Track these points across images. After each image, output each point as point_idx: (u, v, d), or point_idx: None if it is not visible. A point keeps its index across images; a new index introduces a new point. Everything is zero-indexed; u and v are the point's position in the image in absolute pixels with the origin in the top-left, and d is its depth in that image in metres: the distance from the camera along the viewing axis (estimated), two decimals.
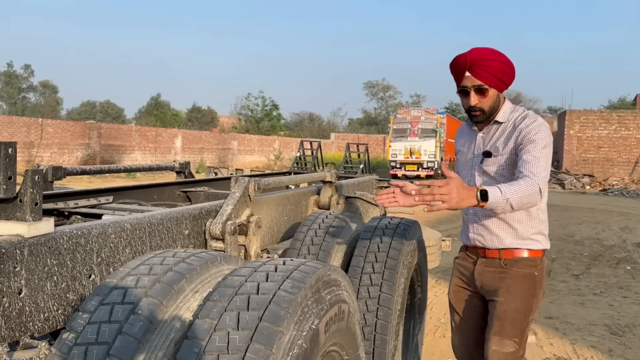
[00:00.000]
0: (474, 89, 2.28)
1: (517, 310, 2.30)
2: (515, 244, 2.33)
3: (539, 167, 2.13)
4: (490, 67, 2.24)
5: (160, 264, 1.60)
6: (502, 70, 2.27)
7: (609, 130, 25.67)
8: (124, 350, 1.36)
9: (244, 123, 45.75)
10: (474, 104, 2.30)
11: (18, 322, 1.53)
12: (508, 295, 2.31)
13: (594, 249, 8.76)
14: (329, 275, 1.67)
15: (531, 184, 2.07)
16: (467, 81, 2.27)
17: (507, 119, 2.37)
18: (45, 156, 22.18)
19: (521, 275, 2.32)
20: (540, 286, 2.36)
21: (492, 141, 2.37)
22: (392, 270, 2.64)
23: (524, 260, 2.34)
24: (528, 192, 2.05)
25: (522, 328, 2.31)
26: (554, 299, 5.85)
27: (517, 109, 2.40)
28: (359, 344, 1.89)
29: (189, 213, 2.31)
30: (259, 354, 1.31)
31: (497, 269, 2.36)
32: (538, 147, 2.18)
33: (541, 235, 2.37)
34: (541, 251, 2.37)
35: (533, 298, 2.33)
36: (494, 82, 2.26)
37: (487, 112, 2.33)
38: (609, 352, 4.33)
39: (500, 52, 2.32)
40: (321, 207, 3.56)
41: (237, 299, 1.44)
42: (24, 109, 51.34)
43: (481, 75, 2.24)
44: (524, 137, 2.23)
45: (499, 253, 2.35)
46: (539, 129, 2.23)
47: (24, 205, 1.56)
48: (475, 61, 2.23)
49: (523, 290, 2.31)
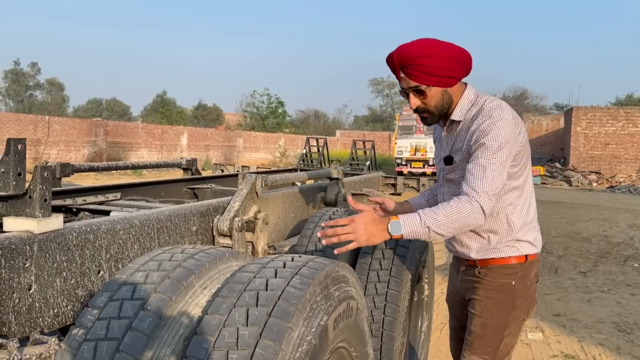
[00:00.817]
0: (411, 91, 1.98)
1: (486, 325, 2.06)
2: (487, 255, 2.07)
3: (484, 180, 1.84)
4: (423, 65, 1.91)
5: (169, 260, 1.60)
6: (439, 65, 1.92)
7: (616, 127, 25.51)
8: (134, 346, 1.36)
9: (250, 120, 45.81)
10: (416, 107, 2.01)
11: (28, 317, 1.54)
12: (479, 308, 2.08)
13: (601, 246, 8.72)
14: (337, 271, 1.67)
15: (465, 205, 1.82)
16: (403, 82, 1.98)
17: (464, 116, 2.02)
18: (52, 154, 22.28)
19: (495, 285, 2.06)
20: (523, 296, 2.07)
21: (454, 143, 2.07)
22: (400, 267, 2.64)
23: (500, 269, 2.06)
24: (460, 216, 1.81)
25: (494, 344, 2.06)
26: (561, 296, 5.83)
27: (477, 101, 2.01)
28: (367, 341, 1.89)
29: (197, 210, 2.32)
30: (268, 350, 1.31)
31: (473, 277, 2.12)
32: (487, 153, 1.87)
33: (521, 242, 2.06)
34: (523, 257, 2.07)
35: (510, 311, 2.05)
36: (432, 80, 1.94)
37: (435, 112, 2.02)
38: (617, 350, 4.31)
39: (437, 42, 1.96)
40: (328, 204, 3.56)
41: (246, 295, 1.44)
42: (30, 106, 51.55)
43: (415, 76, 1.93)
44: (475, 141, 1.92)
45: (474, 261, 2.11)
46: (490, 128, 1.88)
47: (33, 201, 1.57)
48: (404, 60, 1.93)
49: (495, 303, 2.06)
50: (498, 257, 2.06)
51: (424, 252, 2.99)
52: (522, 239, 2.06)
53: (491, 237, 2.05)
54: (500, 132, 1.88)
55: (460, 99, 2.03)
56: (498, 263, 2.06)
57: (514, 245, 2.05)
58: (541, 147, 31.47)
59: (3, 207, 1.61)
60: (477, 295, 2.09)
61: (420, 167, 21.92)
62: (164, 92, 53.88)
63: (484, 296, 2.07)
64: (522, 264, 2.07)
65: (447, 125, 2.09)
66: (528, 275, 2.08)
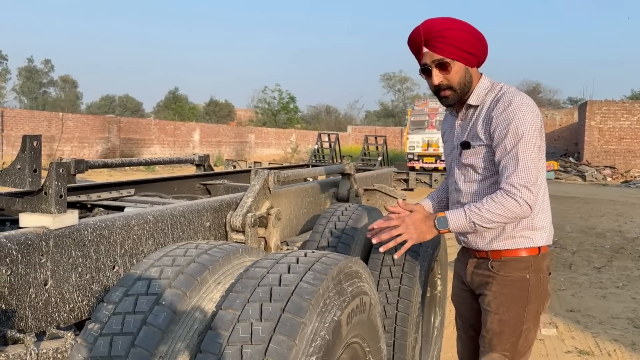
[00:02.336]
0: (435, 66, 1.97)
1: (503, 322, 2.03)
2: (501, 245, 2.04)
3: (518, 173, 1.86)
4: (449, 37, 1.93)
5: (183, 256, 1.61)
6: (463, 39, 1.95)
7: (631, 121, 25.20)
8: (149, 341, 1.37)
9: (261, 116, 45.85)
10: (438, 82, 1.98)
11: (44, 312, 1.55)
12: (494, 304, 2.05)
13: (616, 242, 8.63)
14: (351, 267, 1.67)
15: (509, 202, 1.84)
16: (427, 57, 1.97)
17: (481, 101, 2.03)
18: (66, 150, 22.48)
19: (510, 281, 2.03)
20: (536, 290, 2.05)
21: (470, 129, 2.05)
22: (412, 263, 2.63)
23: (513, 263, 2.04)
24: (504, 212, 1.85)
25: (512, 340, 2.04)
26: (576, 291, 5.78)
27: (494, 88, 2.03)
28: (380, 336, 1.89)
29: (210, 205, 2.33)
30: (282, 344, 1.31)
31: (486, 271, 2.09)
32: (515, 143, 1.88)
33: (534, 231, 2.04)
34: (536, 249, 2.05)
35: (526, 305, 2.03)
36: (456, 53, 1.94)
37: (458, 89, 2.00)
38: (632, 346, 4.27)
39: (462, 20, 2.00)
40: (340, 200, 3.56)
41: (259, 290, 1.45)
42: (44, 103, 52.03)
43: (440, 48, 1.94)
44: (497, 127, 1.93)
45: (486, 253, 2.08)
46: (513, 116, 1.89)
47: (49, 197, 1.58)
48: (430, 33, 1.94)
49: (512, 299, 2.03)
50: (512, 249, 2.04)
51: (437, 247, 2.98)
52: (536, 227, 2.04)
53: (507, 226, 2.02)
54: (524, 117, 1.90)
55: (477, 85, 2.04)
56: (511, 255, 2.04)
57: (528, 236, 2.03)
58: (555, 141, 31.20)
59: (19, 203, 1.63)
60: (491, 291, 2.06)
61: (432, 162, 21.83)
62: (176, 88, 54.18)
63: (498, 292, 2.04)
64: (535, 256, 2.05)
65: (462, 112, 2.10)
66: (541, 268, 2.07)
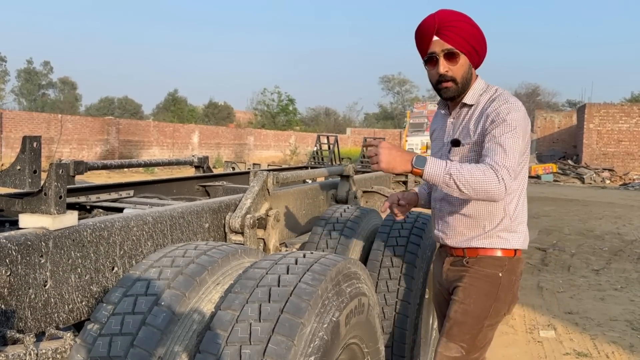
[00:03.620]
0: (443, 55, 2.00)
1: (467, 312, 2.05)
2: (479, 244, 2.07)
3: (506, 156, 1.86)
4: (460, 28, 1.99)
5: (182, 257, 1.62)
6: (472, 34, 2.02)
7: (630, 123, 25.23)
8: (148, 341, 1.38)
9: (260, 118, 45.88)
10: (444, 72, 2.02)
11: (43, 313, 1.56)
12: (462, 294, 2.07)
13: (615, 244, 8.64)
14: (349, 268, 1.68)
15: (490, 173, 1.81)
16: (436, 46, 2.00)
17: (476, 100, 2.08)
18: (65, 152, 22.47)
19: (482, 274, 2.06)
20: (506, 290, 2.07)
21: (462, 127, 2.09)
22: (411, 264, 2.64)
23: (488, 260, 2.07)
24: (483, 180, 1.80)
25: (473, 333, 2.04)
26: (574, 294, 5.79)
27: (489, 89, 2.09)
28: (379, 337, 1.89)
29: (209, 207, 2.34)
30: (280, 345, 1.32)
31: (460, 267, 2.12)
32: (505, 132, 1.90)
33: (512, 233, 2.07)
34: (512, 251, 2.08)
35: (493, 301, 2.05)
36: (465, 46, 2.00)
37: (460, 82, 2.04)
38: (630, 348, 4.27)
39: (471, 17, 2.08)
40: (339, 201, 3.56)
41: (258, 290, 1.45)
42: (43, 105, 52.03)
43: (451, 38, 1.98)
44: (491, 122, 1.96)
45: (463, 251, 2.11)
46: (508, 111, 1.94)
47: (48, 198, 1.59)
48: (444, 22, 1.99)
49: (480, 291, 2.05)
50: (489, 247, 2.07)
51: (435, 249, 2.98)
52: (514, 230, 2.08)
53: (486, 225, 2.06)
54: (518, 115, 1.95)
55: (473, 85, 2.09)
56: (487, 254, 2.07)
57: (505, 237, 2.07)
58: (554, 144, 31.22)
59: (19, 204, 1.63)
60: (462, 283, 2.08)
61: None
62: (176, 90, 54.21)
63: (468, 283, 2.07)
64: (511, 258, 2.08)
65: (455, 110, 2.13)
66: (515, 270, 2.10)
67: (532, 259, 7.42)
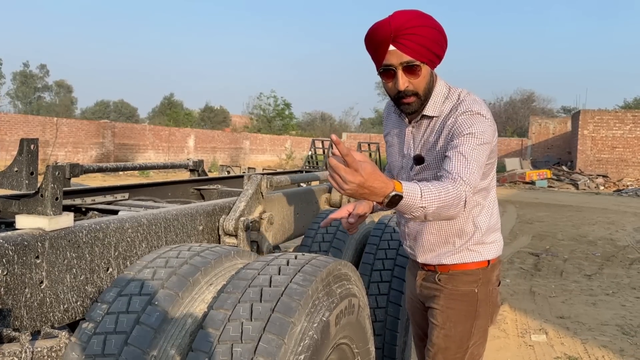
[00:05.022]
0: (402, 68, 1.73)
1: (449, 337, 1.94)
2: (450, 259, 1.95)
3: (468, 169, 1.65)
4: (420, 35, 1.70)
5: (176, 257, 1.65)
6: (434, 39, 1.74)
7: (624, 130, 25.40)
8: (142, 340, 1.41)
9: (256, 122, 45.92)
10: (405, 88, 1.76)
11: (39, 312, 1.58)
12: (441, 318, 1.95)
13: (607, 250, 8.70)
14: (340, 269, 1.71)
15: (457, 192, 1.59)
16: (392, 57, 1.72)
17: (439, 112, 1.84)
18: (60, 155, 22.44)
19: (458, 295, 1.94)
20: (485, 304, 1.96)
21: (424, 141, 1.89)
22: (403, 267, 2.67)
23: (461, 276, 1.94)
24: (450, 202, 1.57)
25: (458, 357, 1.95)
26: (566, 298, 5.84)
27: (451, 95, 1.85)
28: (369, 338, 1.92)
29: (203, 209, 2.37)
30: (271, 343, 1.35)
31: (433, 284, 1.99)
32: (471, 143, 1.69)
33: (484, 245, 1.95)
34: (485, 262, 1.96)
35: (473, 320, 1.94)
36: (426, 55, 1.73)
37: (423, 96, 1.80)
38: (621, 352, 4.32)
39: (429, 15, 1.78)
40: (332, 205, 3.59)
41: (250, 291, 1.48)
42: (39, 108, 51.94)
43: (410, 48, 1.70)
44: (455, 132, 1.74)
45: (434, 267, 1.99)
46: (472, 122, 1.72)
47: (45, 199, 1.62)
48: (400, 29, 1.68)
49: (459, 314, 1.94)
50: (460, 263, 1.94)
51: None
52: (486, 242, 1.96)
53: (456, 241, 1.94)
54: (482, 126, 1.73)
55: (434, 92, 1.84)
56: (459, 269, 1.95)
57: (477, 250, 1.95)
58: (548, 150, 31.38)
59: (16, 205, 1.66)
60: (438, 305, 1.97)
61: None
62: (171, 94, 54.37)
63: (445, 306, 1.95)
64: (484, 268, 1.96)
65: (415, 119, 1.90)
66: (490, 280, 1.98)
67: (525, 264, 7.47)
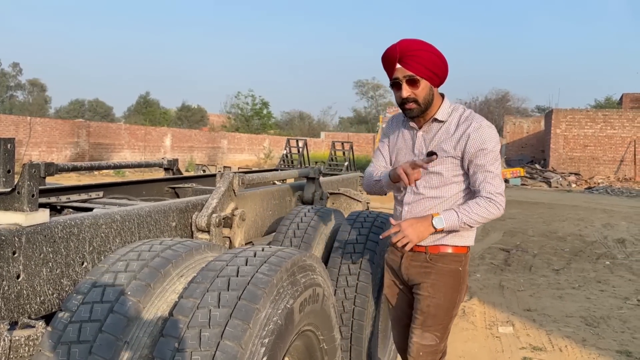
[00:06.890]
0: (405, 80, 2.25)
1: (439, 305, 2.32)
2: (441, 240, 2.33)
3: (496, 183, 2.22)
4: (420, 57, 2.22)
5: (148, 251, 1.73)
6: (431, 61, 2.25)
7: (595, 129, 25.97)
8: (115, 327, 1.49)
9: (234, 122, 45.70)
10: (407, 96, 2.26)
11: (16, 304, 1.66)
12: (432, 290, 2.33)
13: (576, 245, 8.96)
14: (304, 260, 1.81)
15: (492, 206, 2.19)
16: (399, 72, 2.25)
17: (447, 117, 2.34)
18: (34, 154, 22.12)
19: (446, 270, 2.33)
20: (464, 281, 2.40)
21: (436, 141, 2.33)
22: (369, 261, 2.79)
23: (449, 256, 2.34)
24: (488, 214, 2.20)
25: (444, 323, 2.35)
26: (534, 292, 6.02)
27: (456, 108, 2.37)
28: (334, 326, 2.03)
29: (176, 206, 2.44)
30: (237, 328, 1.45)
31: (423, 263, 2.36)
32: (490, 158, 2.23)
33: (470, 231, 2.36)
34: (466, 247, 2.38)
35: (457, 293, 2.36)
36: (424, 72, 2.24)
37: (422, 104, 2.29)
38: (583, 342, 4.50)
39: (431, 44, 2.30)
40: (305, 203, 3.70)
41: (218, 280, 1.58)
42: (11, 107, 50.99)
43: (411, 66, 2.22)
44: (475, 148, 2.24)
45: (425, 248, 2.34)
46: (488, 137, 2.25)
47: (21, 196, 1.69)
48: (405, 51, 2.22)
49: (447, 286, 2.33)
50: (450, 245, 2.34)
51: None
52: (469, 230, 2.36)
53: None
54: (495, 140, 2.27)
55: (442, 103, 2.35)
56: (448, 251, 2.35)
57: (464, 235, 2.36)
58: (522, 148, 31.91)
59: None
60: (429, 279, 2.34)
61: None
62: (148, 93, 53.62)
63: (436, 280, 2.34)
64: (465, 254, 2.40)
65: (426, 125, 2.37)
66: (467, 264, 2.42)
67: (496, 259, 7.66)
